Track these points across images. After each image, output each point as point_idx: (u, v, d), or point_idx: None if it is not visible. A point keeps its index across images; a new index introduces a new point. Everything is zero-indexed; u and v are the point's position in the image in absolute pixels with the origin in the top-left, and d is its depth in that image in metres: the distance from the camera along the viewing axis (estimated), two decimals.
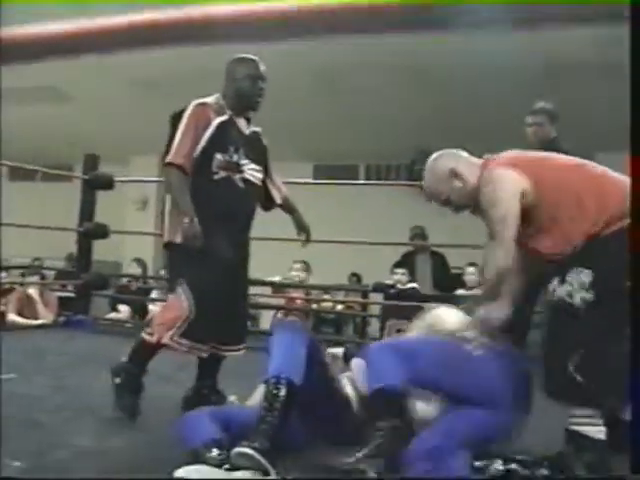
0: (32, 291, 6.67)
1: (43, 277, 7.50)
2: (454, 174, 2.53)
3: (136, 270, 7.89)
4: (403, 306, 6.04)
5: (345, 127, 8.81)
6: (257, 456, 2.11)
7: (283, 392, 2.23)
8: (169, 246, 3.04)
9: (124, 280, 8.15)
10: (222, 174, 3.00)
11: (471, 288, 6.37)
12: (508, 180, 2.42)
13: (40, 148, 9.57)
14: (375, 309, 6.70)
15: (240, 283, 3.19)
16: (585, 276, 2.25)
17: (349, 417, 2.40)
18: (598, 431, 2.23)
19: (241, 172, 3.05)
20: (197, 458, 2.19)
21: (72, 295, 6.79)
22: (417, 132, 8.61)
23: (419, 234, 7.41)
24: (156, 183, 10.48)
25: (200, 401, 2.96)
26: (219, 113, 3.04)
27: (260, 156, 3.19)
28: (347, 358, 2.73)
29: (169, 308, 2.98)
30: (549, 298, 2.35)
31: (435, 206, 2.65)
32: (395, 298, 6.32)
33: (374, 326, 6.71)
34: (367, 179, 10.30)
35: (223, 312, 2.99)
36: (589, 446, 2.22)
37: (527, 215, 2.42)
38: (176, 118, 3.02)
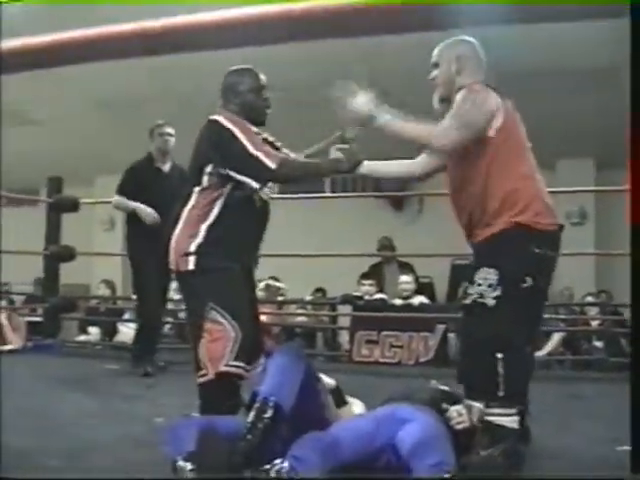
0: (0, 316, 6.62)
1: (11, 302, 7.44)
2: None
3: (105, 291, 7.88)
4: (372, 317, 6.11)
5: (308, 140, 8.84)
6: None
7: (269, 414, 2.23)
8: (195, 273, 2.78)
9: (93, 302, 8.12)
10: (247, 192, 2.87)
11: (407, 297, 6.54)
12: None
13: (5, 173, 9.48)
14: (344, 321, 6.73)
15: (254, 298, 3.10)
16: (492, 275, 2.38)
17: None
18: (512, 421, 2.38)
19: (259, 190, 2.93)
20: (174, 470, 2.19)
21: (40, 319, 6.75)
22: (380, 143, 8.68)
23: (386, 245, 7.49)
24: None
25: None
26: None
27: None
28: (336, 395, 2.70)
29: (214, 338, 2.71)
30: (462, 300, 2.53)
31: (402, 217, 2.81)
32: (364, 309, 6.39)
33: (344, 337, 6.75)
34: (333, 192, 10.31)
35: (254, 329, 2.85)
36: (504, 435, 2.36)
37: None
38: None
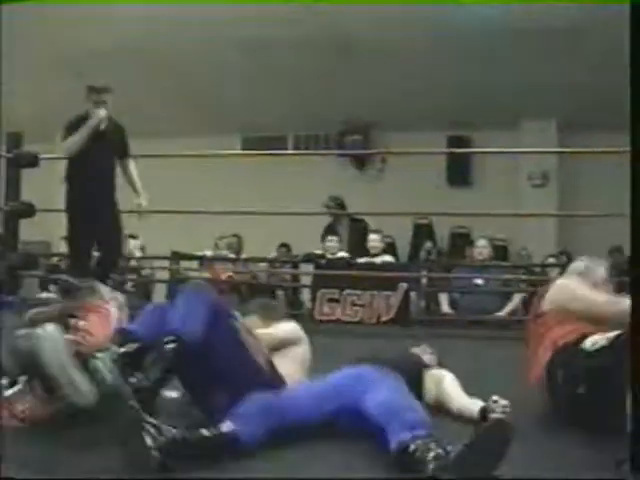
0: None
1: None
2: None
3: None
4: (334, 275, 6.17)
5: (273, 99, 8.80)
6: None
7: (171, 347, 2.28)
8: None
9: (54, 259, 8.04)
10: None
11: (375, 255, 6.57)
12: None
13: None
14: (306, 280, 6.78)
15: None
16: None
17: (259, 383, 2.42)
18: None
19: None
20: None
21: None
22: (345, 103, 8.68)
23: (331, 206, 7.56)
24: None
25: None
26: None
27: None
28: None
29: None
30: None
31: (364, 176, 2.76)
32: (326, 268, 6.43)
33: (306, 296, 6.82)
34: (296, 150, 10.24)
35: None
36: None
37: None
38: None
